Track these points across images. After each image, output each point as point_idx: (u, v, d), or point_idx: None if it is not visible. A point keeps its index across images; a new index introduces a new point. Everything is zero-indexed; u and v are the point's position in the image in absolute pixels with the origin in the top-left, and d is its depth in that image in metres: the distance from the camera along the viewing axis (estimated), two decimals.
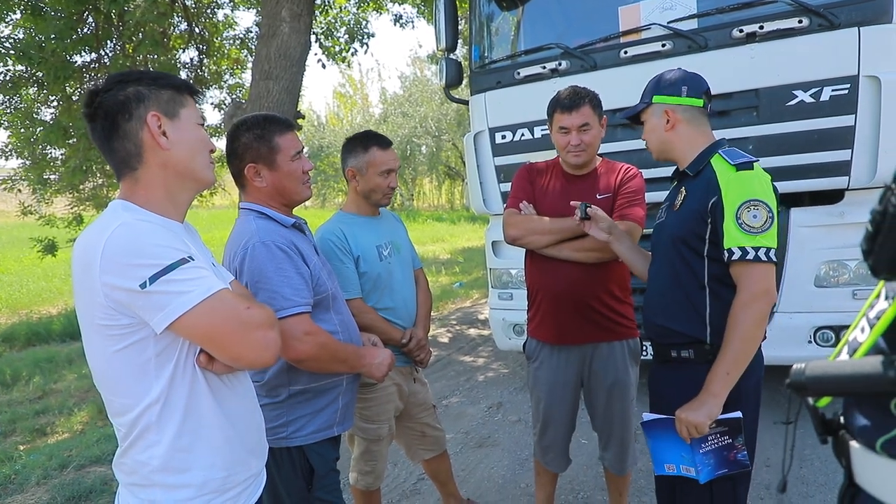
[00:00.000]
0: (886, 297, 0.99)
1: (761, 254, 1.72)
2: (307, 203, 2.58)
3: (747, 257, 1.72)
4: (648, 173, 2.74)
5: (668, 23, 3.56)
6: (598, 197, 2.43)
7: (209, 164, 1.40)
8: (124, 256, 1.16)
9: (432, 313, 8.23)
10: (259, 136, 1.92)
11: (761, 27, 3.37)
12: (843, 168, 3.30)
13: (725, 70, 3.43)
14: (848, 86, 3.23)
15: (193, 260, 1.22)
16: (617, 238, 2.23)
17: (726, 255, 1.76)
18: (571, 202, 2.28)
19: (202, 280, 1.22)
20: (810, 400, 1.11)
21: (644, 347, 2.64)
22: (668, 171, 2.10)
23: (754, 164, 1.80)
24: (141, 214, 1.26)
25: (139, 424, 1.27)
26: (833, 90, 3.26)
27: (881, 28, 3.17)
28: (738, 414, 1.79)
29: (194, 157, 1.35)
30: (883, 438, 0.96)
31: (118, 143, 1.29)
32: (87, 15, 7.26)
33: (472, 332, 7.35)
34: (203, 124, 1.41)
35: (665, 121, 1.97)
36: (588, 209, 2.22)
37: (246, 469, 1.42)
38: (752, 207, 1.73)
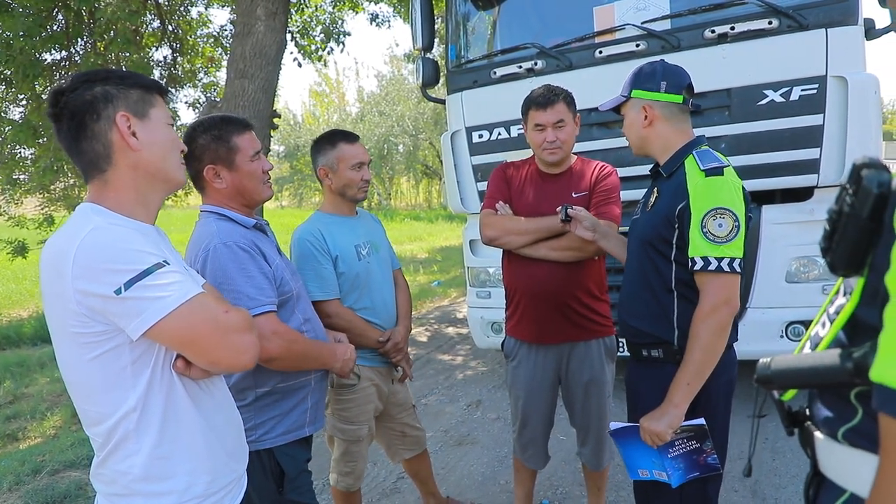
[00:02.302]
0: (845, 294, 1.02)
1: (724, 264, 1.69)
2: (284, 203, 2.57)
3: (709, 268, 1.70)
4: (624, 172, 2.77)
5: (641, 23, 3.60)
6: (574, 195, 2.44)
7: (180, 164, 1.39)
8: (98, 262, 1.14)
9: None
10: (217, 136, 1.90)
11: (732, 28, 3.43)
12: (812, 166, 3.37)
13: (698, 70, 3.44)
14: (816, 86, 3.30)
15: (169, 264, 1.20)
16: (602, 235, 2.21)
17: (690, 263, 1.74)
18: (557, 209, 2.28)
19: (179, 284, 1.20)
20: (776, 393, 1.14)
21: (620, 344, 2.68)
22: (643, 170, 2.11)
23: (725, 169, 1.75)
24: (113, 218, 1.24)
25: (117, 433, 1.24)
26: (802, 90, 3.33)
27: (848, 29, 3.25)
28: (702, 421, 1.78)
29: (165, 158, 1.33)
30: (844, 428, 0.99)
31: (86, 143, 1.26)
32: (57, 12, 7.11)
33: (451, 330, 7.35)
34: (172, 124, 1.39)
35: (643, 117, 1.91)
36: (569, 210, 2.21)
37: (228, 473, 1.40)
38: (717, 216, 1.69)
